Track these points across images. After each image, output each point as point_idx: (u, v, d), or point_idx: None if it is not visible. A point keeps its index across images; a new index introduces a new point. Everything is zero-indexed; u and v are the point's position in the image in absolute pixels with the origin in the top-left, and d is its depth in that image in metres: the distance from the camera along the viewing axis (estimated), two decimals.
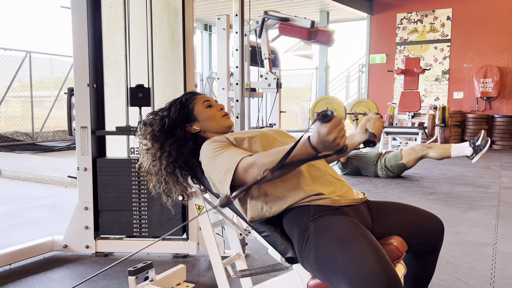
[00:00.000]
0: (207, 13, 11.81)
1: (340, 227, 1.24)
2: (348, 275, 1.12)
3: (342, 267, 1.14)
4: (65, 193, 4.64)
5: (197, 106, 1.62)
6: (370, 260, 1.12)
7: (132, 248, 2.59)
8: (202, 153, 1.48)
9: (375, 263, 1.11)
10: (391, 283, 1.08)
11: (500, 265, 2.46)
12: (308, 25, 4.48)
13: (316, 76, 12.48)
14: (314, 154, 1.17)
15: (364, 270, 1.10)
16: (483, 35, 9.43)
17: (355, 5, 10.06)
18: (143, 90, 2.48)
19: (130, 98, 2.48)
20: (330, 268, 1.18)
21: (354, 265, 1.12)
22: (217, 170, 1.37)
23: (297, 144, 1.16)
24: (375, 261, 1.12)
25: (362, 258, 1.13)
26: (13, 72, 8.99)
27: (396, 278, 1.11)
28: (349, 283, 1.11)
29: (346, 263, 1.14)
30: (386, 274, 1.09)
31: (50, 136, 9.67)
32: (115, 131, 2.56)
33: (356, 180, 5.19)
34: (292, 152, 1.16)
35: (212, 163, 1.40)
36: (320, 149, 1.14)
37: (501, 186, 4.80)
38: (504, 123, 9.03)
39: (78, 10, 2.50)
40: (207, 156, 1.44)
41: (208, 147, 1.46)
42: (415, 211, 1.52)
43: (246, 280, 1.70)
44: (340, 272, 1.14)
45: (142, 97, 2.47)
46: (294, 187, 1.35)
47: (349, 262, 1.14)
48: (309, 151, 1.16)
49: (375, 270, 1.09)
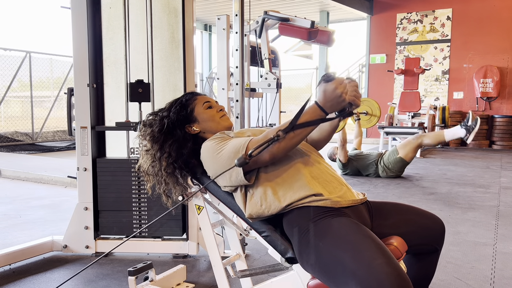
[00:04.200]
0: (207, 13, 11.82)
1: (344, 229, 1.24)
2: (358, 277, 1.12)
3: (351, 269, 1.14)
4: (65, 193, 4.64)
5: (198, 107, 1.62)
6: (380, 261, 1.12)
7: (132, 248, 2.59)
8: (203, 150, 1.48)
9: (385, 264, 1.11)
10: (403, 282, 1.08)
11: (500, 265, 2.46)
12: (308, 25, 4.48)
13: (316, 76, 12.48)
14: (323, 116, 1.25)
15: (376, 271, 1.10)
16: (483, 35, 9.43)
17: (355, 5, 10.06)
18: (143, 86, 2.48)
19: (130, 93, 2.48)
20: (336, 270, 1.17)
21: (364, 266, 1.12)
22: (224, 158, 1.38)
23: (305, 108, 1.25)
24: (385, 262, 1.11)
25: (372, 259, 1.12)
26: (13, 72, 8.99)
27: (407, 278, 1.11)
28: (360, 285, 1.11)
29: (355, 265, 1.14)
30: (397, 274, 1.09)
31: (50, 136, 9.67)
32: (115, 126, 2.56)
33: (356, 180, 5.19)
34: (301, 116, 1.24)
35: (217, 155, 1.40)
36: (327, 108, 1.23)
37: (501, 186, 4.80)
38: (504, 123, 9.03)
39: (78, 10, 2.50)
40: (210, 151, 1.44)
41: (209, 144, 1.46)
42: (416, 212, 1.51)
43: (246, 280, 1.70)
44: (349, 274, 1.14)
45: (141, 92, 2.47)
46: (294, 185, 1.35)
47: (358, 264, 1.13)
48: (317, 112, 1.25)
49: (387, 270, 1.09)
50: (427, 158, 7.21)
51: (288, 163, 1.40)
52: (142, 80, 2.48)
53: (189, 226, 2.57)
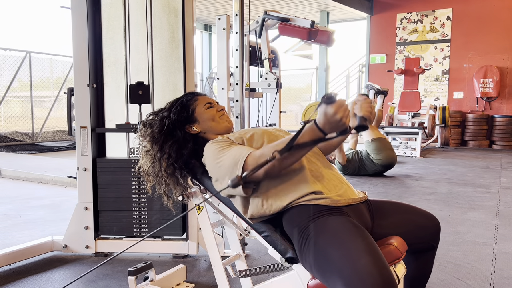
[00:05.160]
0: (207, 13, 11.81)
1: (338, 227, 1.24)
2: (343, 275, 1.13)
3: (338, 267, 1.15)
4: (65, 193, 4.64)
5: (199, 107, 1.62)
6: (365, 260, 1.12)
7: (132, 248, 2.59)
8: (206, 153, 1.48)
9: (371, 263, 1.12)
10: (385, 283, 1.09)
11: (500, 265, 2.46)
12: (308, 25, 4.48)
13: (316, 76, 12.48)
14: (321, 136, 1.21)
15: (359, 271, 1.11)
16: (483, 35, 9.42)
17: (355, 5, 10.06)
18: (143, 88, 2.47)
19: (130, 95, 2.47)
20: (327, 268, 1.19)
21: (349, 265, 1.13)
22: (224, 167, 1.37)
23: (304, 128, 1.21)
24: (371, 261, 1.12)
25: (357, 259, 1.13)
26: (13, 72, 8.98)
27: (391, 279, 1.11)
28: (344, 283, 1.12)
29: (341, 263, 1.15)
30: (381, 275, 1.10)
31: (50, 136, 9.67)
32: (115, 128, 2.56)
33: (356, 180, 5.19)
34: (299, 136, 1.21)
35: (217, 162, 1.40)
36: (327, 130, 1.19)
37: (501, 186, 4.80)
38: (504, 123, 9.03)
39: (78, 10, 2.50)
40: (212, 156, 1.44)
41: (211, 148, 1.46)
42: (414, 211, 1.52)
43: (246, 280, 1.70)
44: (336, 272, 1.15)
45: (142, 94, 2.46)
46: (295, 184, 1.35)
47: (344, 262, 1.15)
48: (316, 133, 1.20)
49: (370, 270, 1.10)
50: (427, 158, 7.21)
51: None
52: (142, 82, 2.48)
53: (189, 226, 2.57)
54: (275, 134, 1.52)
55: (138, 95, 2.46)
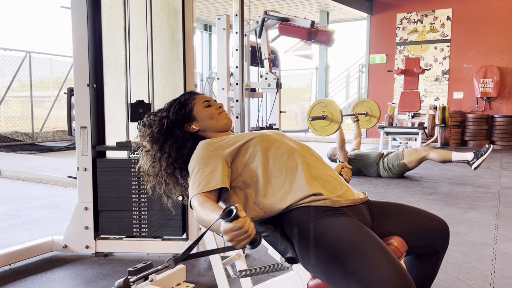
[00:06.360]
0: (207, 13, 11.81)
1: (343, 228, 1.23)
2: (360, 277, 1.11)
3: (352, 269, 1.14)
4: (65, 193, 4.64)
5: (197, 106, 1.61)
6: (382, 261, 1.11)
7: (132, 248, 2.59)
8: (195, 152, 1.47)
9: (387, 264, 1.11)
10: (405, 283, 1.08)
11: (500, 265, 2.46)
12: (308, 25, 4.48)
13: (316, 76, 12.48)
14: None
15: (377, 272, 1.09)
16: (483, 35, 9.42)
17: (355, 5, 10.06)
18: (143, 106, 2.55)
19: (131, 113, 2.54)
20: (337, 270, 1.17)
21: (366, 266, 1.12)
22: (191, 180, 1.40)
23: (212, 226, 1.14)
24: (387, 262, 1.11)
25: (373, 259, 1.12)
26: (13, 72, 8.98)
27: (409, 278, 1.10)
28: (362, 285, 1.10)
29: (356, 265, 1.13)
30: (399, 274, 1.09)
31: (50, 136, 9.67)
32: (115, 146, 2.59)
33: (356, 180, 5.19)
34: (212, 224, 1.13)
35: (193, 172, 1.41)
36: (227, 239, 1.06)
37: (501, 186, 4.80)
38: (504, 123, 9.03)
39: (78, 10, 2.50)
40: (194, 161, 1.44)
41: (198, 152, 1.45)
42: (418, 213, 1.50)
43: (246, 280, 1.70)
44: (350, 274, 1.14)
45: (142, 112, 2.52)
46: (294, 186, 1.35)
47: (360, 264, 1.13)
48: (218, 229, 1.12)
49: (389, 271, 1.09)
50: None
51: (287, 165, 1.40)
52: (142, 101, 2.56)
53: (189, 226, 2.57)
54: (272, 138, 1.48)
55: (139, 113, 2.52)
